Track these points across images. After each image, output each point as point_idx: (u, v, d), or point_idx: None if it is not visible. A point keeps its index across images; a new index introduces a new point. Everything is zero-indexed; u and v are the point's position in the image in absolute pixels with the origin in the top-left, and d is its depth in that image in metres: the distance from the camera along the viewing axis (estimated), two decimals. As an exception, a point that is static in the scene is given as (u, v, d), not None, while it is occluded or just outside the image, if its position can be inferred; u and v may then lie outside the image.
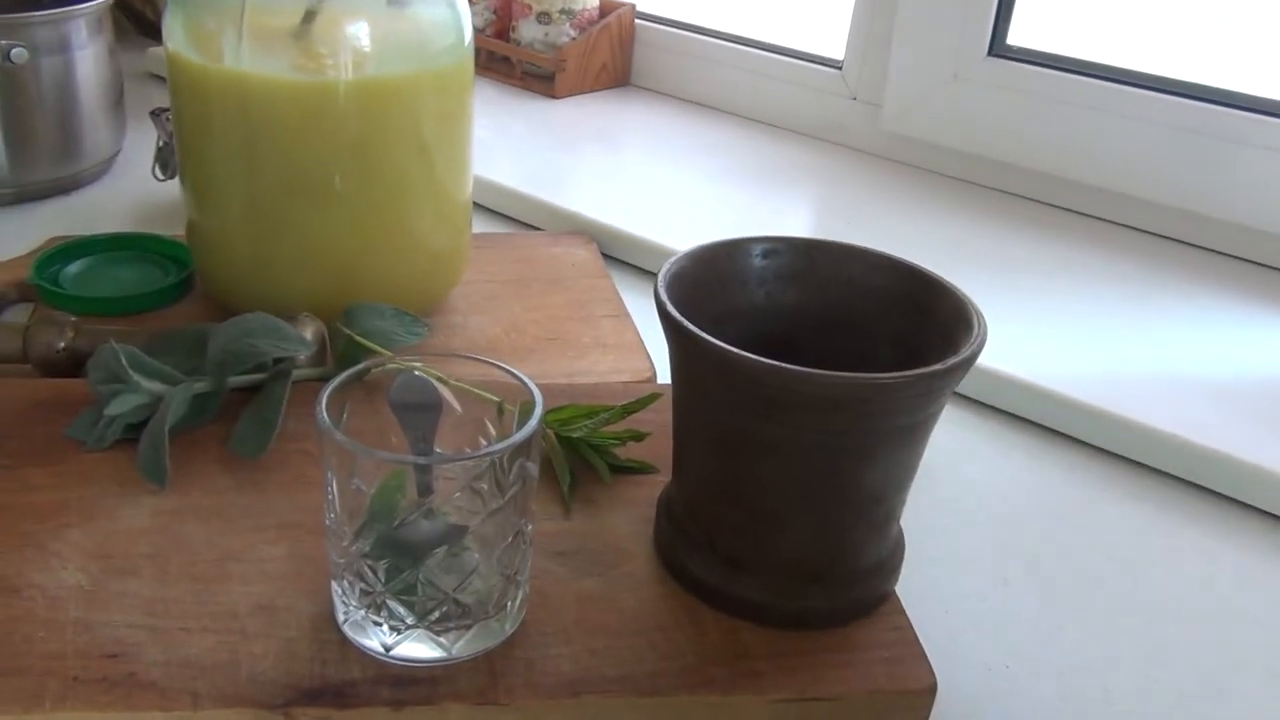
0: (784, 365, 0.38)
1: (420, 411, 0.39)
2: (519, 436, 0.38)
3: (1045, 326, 0.71)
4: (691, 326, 0.40)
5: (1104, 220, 0.88)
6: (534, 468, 0.40)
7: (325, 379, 0.57)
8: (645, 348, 0.66)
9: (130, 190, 0.86)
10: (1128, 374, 0.67)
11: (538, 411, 0.39)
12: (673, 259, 0.45)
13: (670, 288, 0.43)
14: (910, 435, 0.41)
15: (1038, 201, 0.92)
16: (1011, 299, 0.74)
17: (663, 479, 0.52)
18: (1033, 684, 0.47)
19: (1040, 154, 0.90)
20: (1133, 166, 0.86)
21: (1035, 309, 0.74)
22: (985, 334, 0.41)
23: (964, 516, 0.56)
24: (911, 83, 0.95)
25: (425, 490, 0.39)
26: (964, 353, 0.39)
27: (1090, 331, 0.72)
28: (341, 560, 0.40)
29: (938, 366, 0.38)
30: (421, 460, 0.37)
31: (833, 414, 0.38)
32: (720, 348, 0.39)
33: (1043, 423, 0.64)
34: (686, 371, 0.43)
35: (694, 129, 1.06)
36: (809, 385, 0.38)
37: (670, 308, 0.41)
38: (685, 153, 1.00)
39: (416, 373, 0.40)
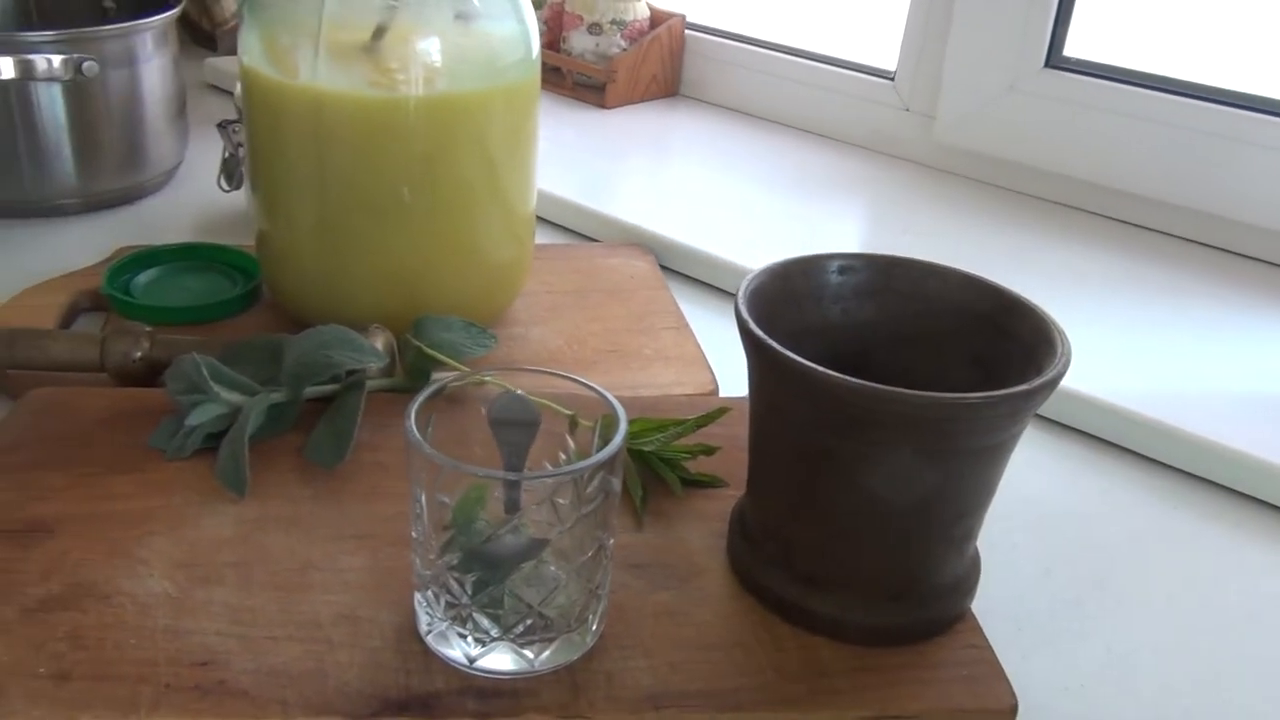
0: (869, 384, 0.38)
1: (518, 429, 0.39)
2: (606, 453, 0.38)
3: (1109, 341, 0.71)
4: (774, 344, 0.40)
5: (1164, 234, 0.88)
6: (617, 482, 0.40)
7: (395, 390, 0.58)
8: (707, 360, 0.66)
9: (192, 200, 0.88)
10: (1195, 389, 0.66)
11: (622, 427, 0.40)
12: (751, 275, 0.45)
13: (750, 304, 0.43)
14: (992, 455, 0.41)
15: (1095, 214, 0.91)
16: (1071, 313, 0.72)
17: (732, 494, 0.52)
18: (1110, 705, 0.46)
19: (1098, 166, 0.90)
20: (1192, 179, 0.85)
21: (1097, 324, 0.73)
22: (1070, 354, 0.41)
23: (1034, 534, 0.56)
24: (966, 94, 0.95)
25: (513, 506, 0.39)
26: (1049, 373, 0.39)
27: (1156, 346, 0.71)
28: (428, 572, 0.40)
29: (1024, 387, 0.38)
30: (514, 476, 0.37)
31: (917, 433, 0.38)
32: (803, 365, 0.39)
33: (1113, 440, 0.63)
34: (767, 388, 0.43)
35: (744, 139, 1.06)
36: (895, 404, 0.38)
37: (752, 324, 0.41)
38: (736, 163, 1.00)
39: (520, 392, 0.41)
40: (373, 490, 0.50)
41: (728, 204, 0.91)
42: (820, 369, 0.39)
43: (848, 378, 0.38)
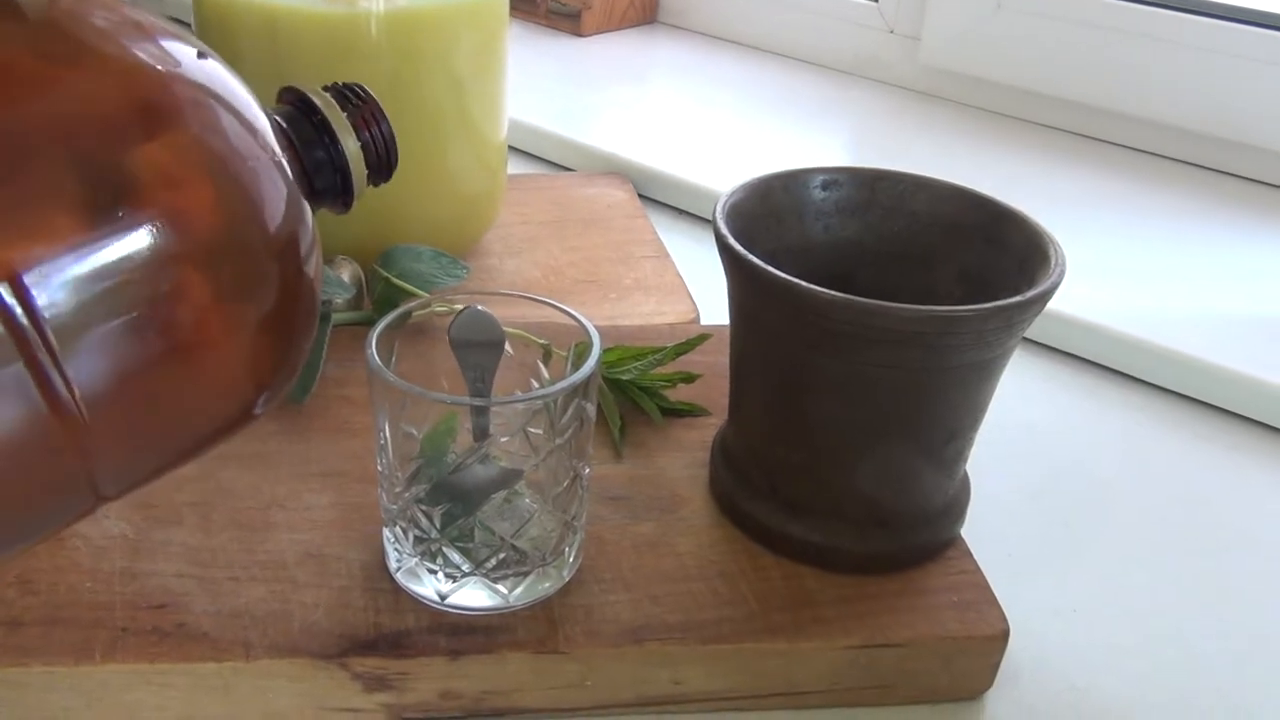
0: (853, 298, 0.36)
1: (482, 349, 0.37)
2: (579, 376, 0.36)
3: (1099, 264, 0.69)
4: (754, 259, 0.38)
5: (1157, 155, 0.85)
6: (591, 409, 0.38)
7: (364, 322, 0.56)
8: (688, 289, 0.64)
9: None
10: (1187, 310, 0.64)
11: (595, 351, 0.38)
12: (729, 191, 0.43)
13: (729, 220, 0.41)
14: (983, 371, 0.39)
15: (1086, 137, 0.89)
16: (1062, 237, 0.71)
17: (714, 422, 0.50)
18: (1103, 627, 0.45)
19: (1090, 87, 0.87)
20: (1188, 99, 0.83)
21: (1088, 246, 0.71)
22: (1064, 264, 0.39)
23: (1023, 458, 0.54)
24: (952, 13, 0.92)
25: (481, 434, 0.37)
26: (1043, 285, 0.37)
27: (1148, 268, 0.69)
28: (394, 506, 0.38)
29: (1017, 299, 0.36)
30: (481, 401, 0.36)
31: (904, 349, 0.37)
32: (785, 280, 0.37)
33: (1103, 362, 0.62)
34: (747, 307, 0.41)
35: (724, 66, 1.03)
36: (881, 319, 0.36)
37: (731, 240, 0.39)
38: (716, 90, 0.97)
39: (480, 308, 0.39)
40: (340, 426, 0.48)
41: (707, 132, 0.88)
42: (801, 283, 0.37)
43: (831, 291, 0.36)
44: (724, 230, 0.40)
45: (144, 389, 0.31)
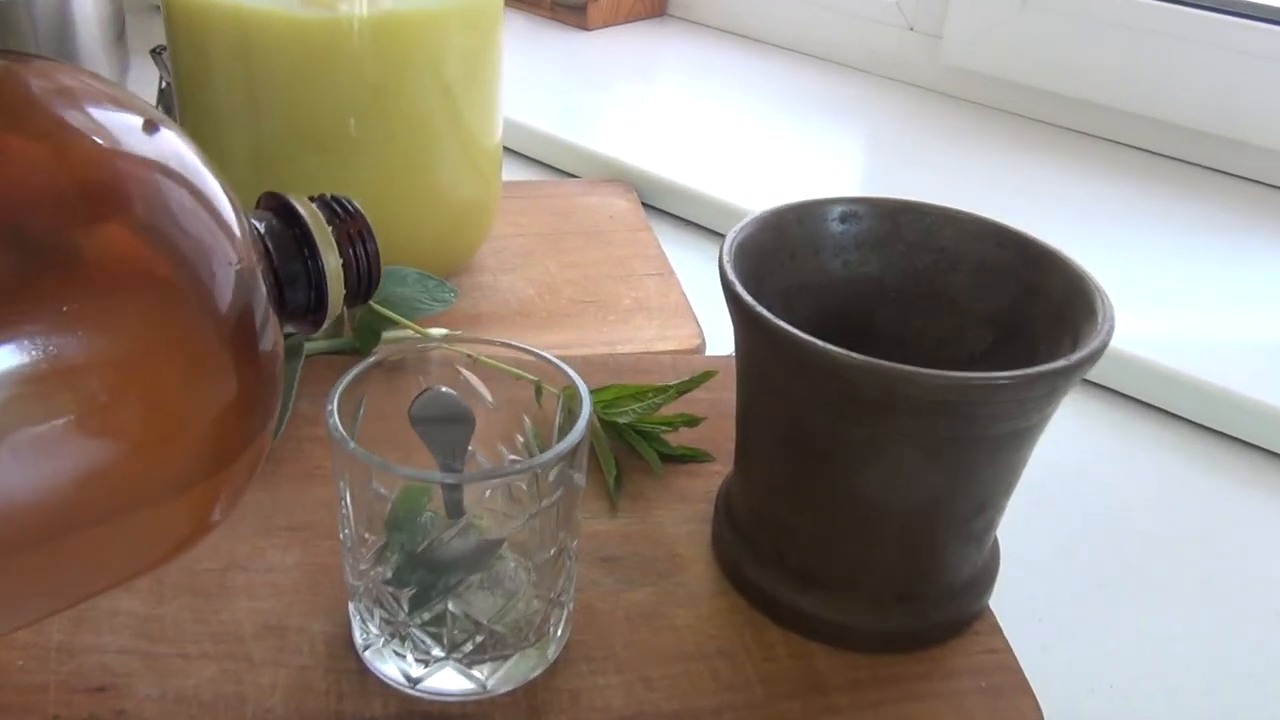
0: (878, 362, 0.32)
1: (449, 428, 0.33)
2: (564, 445, 0.32)
3: (1131, 283, 0.64)
4: (765, 312, 0.34)
5: (1190, 163, 0.81)
6: (579, 477, 0.34)
7: (343, 351, 0.52)
8: (693, 311, 0.60)
9: (134, 134, 0.80)
10: (1227, 338, 0.60)
11: (585, 413, 0.34)
12: (737, 226, 0.39)
13: (737, 260, 0.37)
14: (1019, 440, 0.35)
15: (1116, 142, 0.84)
16: (1091, 251, 0.67)
17: (718, 469, 0.46)
18: (1141, 706, 0.41)
19: (1118, 89, 0.82)
20: (1224, 104, 0.78)
21: (1118, 263, 0.67)
22: (1113, 318, 0.35)
23: (1051, 507, 0.50)
24: (975, 11, 0.87)
25: (456, 511, 0.33)
26: (1091, 344, 0.33)
27: (1183, 289, 0.65)
28: (359, 584, 0.34)
29: (1061, 363, 0.32)
30: (451, 478, 0.32)
31: (934, 418, 0.32)
32: (799, 338, 0.33)
33: (1139, 396, 0.57)
34: (756, 362, 0.37)
35: (737, 63, 0.98)
36: (908, 386, 0.32)
37: (738, 287, 0.35)
38: (728, 89, 0.93)
39: (442, 389, 0.34)
40: (311, 471, 0.44)
41: (718, 135, 0.83)
42: (818, 343, 0.32)
43: (852, 354, 0.32)
44: (730, 274, 0.36)
45: (56, 515, 0.27)
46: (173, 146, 0.29)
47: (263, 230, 0.33)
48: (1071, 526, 0.49)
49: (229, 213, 0.30)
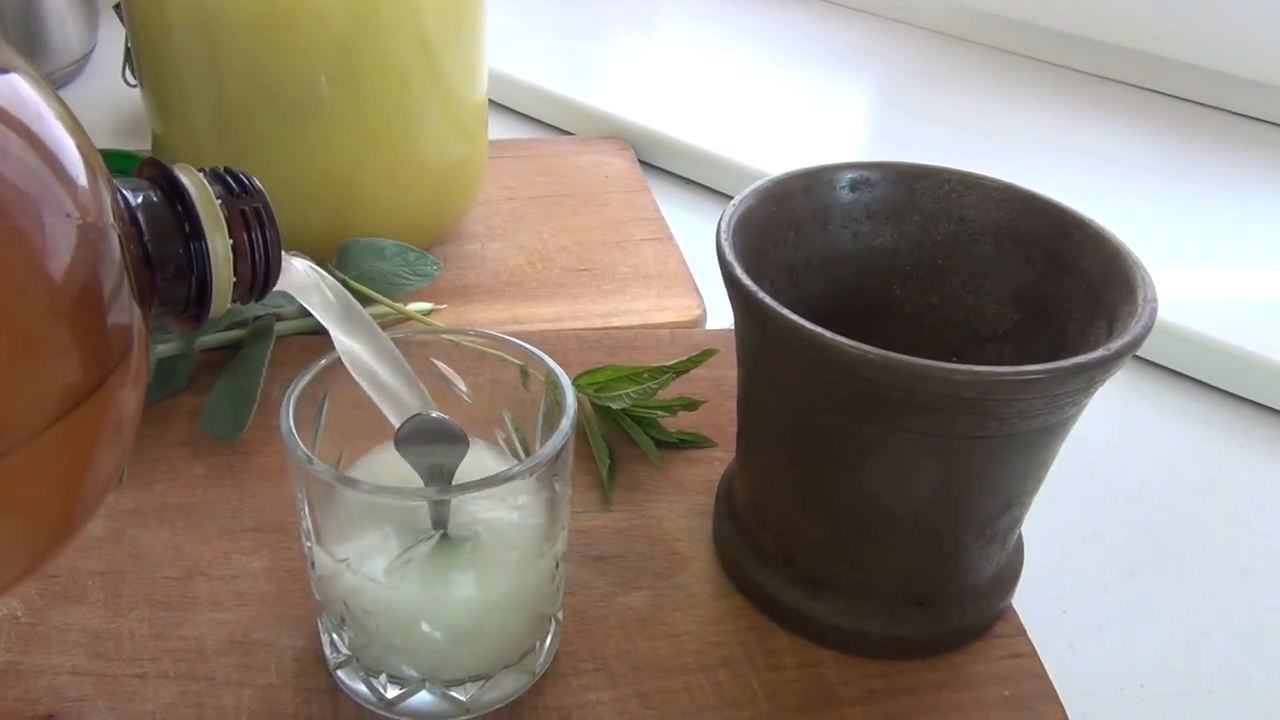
0: (894, 356, 0.28)
1: (440, 451, 0.29)
2: (546, 452, 0.29)
3: (1164, 241, 0.60)
4: (769, 301, 0.30)
5: (1215, 108, 0.76)
6: (565, 486, 0.31)
7: (318, 332, 0.48)
8: (693, 278, 0.56)
9: (105, 96, 0.76)
10: (1264, 300, 0.56)
11: (568, 415, 0.30)
12: (736, 199, 0.35)
13: (736, 238, 0.33)
14: (1051, 435, 0.31)
15: (1133, 85, 0.79)
16: (1117, 205, 0.63)
17: (720, 455, 0.43)
18: (1175, 709, 0.38)
19: (1139, 31, 0.77)
20: (1250, 47, 0.73)
21: (1150, 219, 0.63)
22: (1155, 298, 0.31)
23: (1077, 487, 0.47)
24: (992, -52, 0.82)
25: (440, 523, 0.30)
26: (1131, 331, 0.30)
27: (1219, 246, 0.61)
28: (324, 601, 0.31)
29: (1100, 353, 0.29)
30: (434, 495, 0.28)
31: (958, 416, 0.29)
32: (808, 330, 0.29)
33: (1171, 366, 0.54)
34: (758, 352, 0.33)
35: (741, 8, 0.93)
36: (929, 382, 0.28)
37: (738, 271, 0.32)
38: (733, 36, 0.88)
39: (434, 414, 0.31)
40: (281, 466, 0.41)
41: (720, 87, 0.79)
42: (828, 335, 0.29)
43: (865, 348, 0.28)
44: (729, 255, 0.32)
45: None
46: (10, 90, 0.24)
47: (137, 202, 0.27)
48: (1100, 509, 0.46)
49: (74, 164, 0.24)
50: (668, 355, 0.46)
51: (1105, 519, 0.46)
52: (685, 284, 0.56)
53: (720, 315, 0.53)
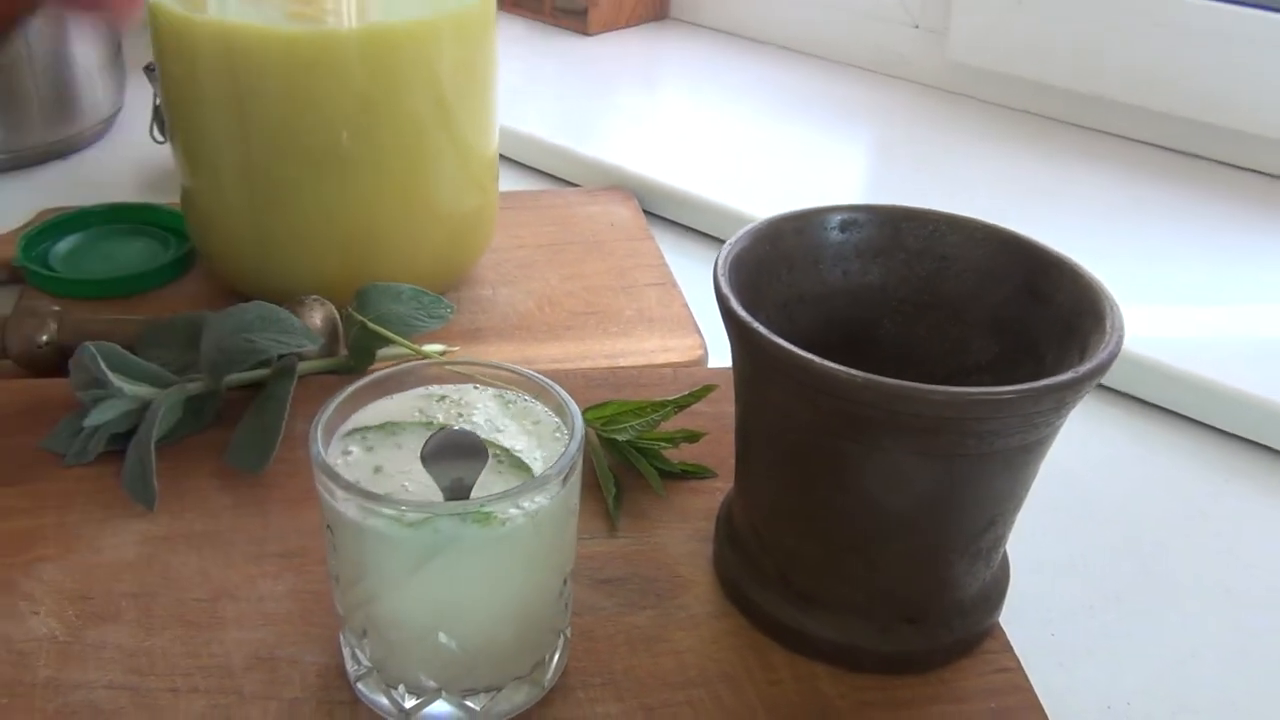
0: (879, 379, 0.30)
1: (461, 465, 0.32)
2: (565, 459, 0.31)
3: (1140, 282, 0.63)
4: (761, 329, 0.33)
5: (1200, 158, 0.79)
6: (574, 500, 0.33)
7: (337, 371, 0.51)
8: (695, 321, 0.59)
9: (131, 154, 0.80)
10: (1243, 339, 0.58)
11: (577, 433, 0.33)
12: (732, 239, 0.38)
13: (732, 275, 0.36)
14: (1028, 455, 0.34)
15: (1126, 138, 0.82)
16: (1101, 248, 0.65)
17: (720, 485, 0.45)
18: (1161, 727, 0.40)
19: (1124, 84, 0.81)
20: (1233, 98, 0.76)
21: (1126, 260, 0.65)
22: (1122, 327, 0.33)
23: (1063, 515, 0.49)
24: (979, 7, 0.86)
25: (460, 536, 0.32)
26: (1099, 355, 0.32)
27: (1195, 287, 0.63)
28: (348, 615, 0.33)
29: (1069, 376, 0.31)
30: (455, 508, 0.30)
31: (940, 436, 0.31)
32: (797, 356, 0.32)
33: (1153, 400, 0.56)
34: (753, 379, 0.35)
35: (741, 65, 0.97)
36: (911, 403, 0.30)
37: (734, 303, 0.34)
38: (731, 93, 0.92)
39: (457, 427, 0.33)
40: (303, 496, 0.43)
41: (721, 140, 0.82)
42: (817, 360, 0.31)
43: (851, 371, 0.31)
44: (725, 288, 0.35)
45: None
46: None
47: None
48: (1085, 536, 0.48)
49: None
50: (670, 391, 0.48)
51: (1090, 545, 0.48)
52: (688, 326, 0.58)
53: (721, 355, 0.56)
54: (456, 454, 0.31)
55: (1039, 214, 0.70)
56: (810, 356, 0.31)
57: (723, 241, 0.37)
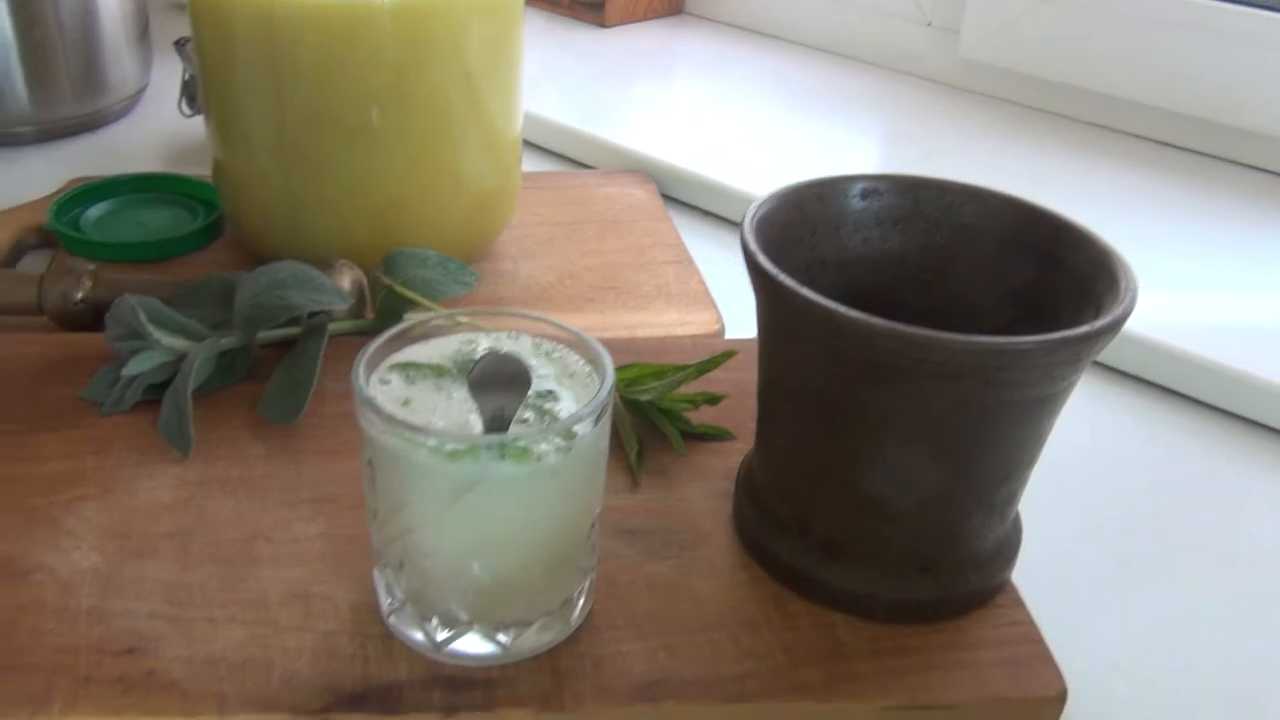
0: (900, 326, 0.32)
1: (504, 392, 0.33)
2: (590, 407, 0.33)
3: (1151, 271, 0.64)
4: (786, 279, 0.34)
5: (1208, 155, 0.81)
6: (603, 442, 0.35)
7: (364, 332, 0.52)
8: (712, 297, 0.60)
9: (158, 127, 0.81)
10: (1249, 324, 0.60)
11: (608, 378, 0.34)
12: (758, 201, 0.39)
13: (758, 232, 0.37)
14: (1044, 408, 0.35)
15: (1135, 136, 0.84)
16: (1113, 234, 0.67)
17: (740, 447, 0.46)
18: (1166, 685, 0.41)
19: (1135, 82, 0.82)
20: (1243, 97, 0.78)
21: (1138, 251, 0.66)
22: (1135, 289, 0.35)
23: (1074, 487, 0.50)
24: (992, 5, 0.87)
25: (497, 472, 0.33)
26: (1113, 312, 0.33)
27: (1203, 276, 0.65)
28: (386, 549, 0.35)
29: (1085, 329, 0.32)
30: (485, 440, 0.32)
31: (959, 384, 0.33)
32: (821, 304, 0.33)
33: (1161, 382, 0.57)
34: (777, 330, 0.37)
35: (754, 59, 0.99)
36: (934, 351, 0.32)
37: (760, 256, 0.35)
38: (745, 85, 0.93)
39: (504, 350, 0.35)
40: (335, 447, 0.45)
41: (735, 128, 0.84)
42: (841, 308, 0.33)
43: (874, 318, 0.32)
44: (752, 244, 0.36)
45: None
46: None
47: None
48: (1095, 509, 0.49)
49: None
50: (690, 359, 0.50)
51: (1100, 518, 0.49)
52: (705, 302, 0.60)
53: (738, 330, 0.57)
54: (501, 381, 0.33)
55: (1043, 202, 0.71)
56: (835, 305, 0.33)
57: (738, 224, 0.38)
